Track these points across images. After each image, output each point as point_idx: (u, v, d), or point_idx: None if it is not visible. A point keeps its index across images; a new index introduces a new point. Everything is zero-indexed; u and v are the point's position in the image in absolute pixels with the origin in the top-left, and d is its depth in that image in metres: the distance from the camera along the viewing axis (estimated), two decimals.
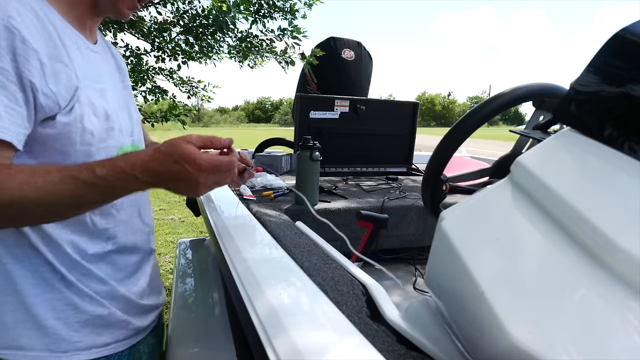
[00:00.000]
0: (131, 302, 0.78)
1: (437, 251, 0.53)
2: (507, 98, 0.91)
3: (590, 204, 0.39)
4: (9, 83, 0.55)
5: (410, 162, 2.24)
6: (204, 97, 3.83)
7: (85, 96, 0.66)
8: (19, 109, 0.56)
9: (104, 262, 0.74)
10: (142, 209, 0.83)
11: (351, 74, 2.81)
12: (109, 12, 0.73)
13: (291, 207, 1.28)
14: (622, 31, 0.48)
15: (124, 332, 0.76)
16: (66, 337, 0.68)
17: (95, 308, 0.71)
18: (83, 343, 0.70)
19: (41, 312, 0.67)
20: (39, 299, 0.67)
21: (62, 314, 0.68)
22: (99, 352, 0.72)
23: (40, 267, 0.67)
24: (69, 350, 0.69)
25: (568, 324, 0.34)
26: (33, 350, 0.67)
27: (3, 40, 0.54)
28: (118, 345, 0.75)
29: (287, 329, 0.37)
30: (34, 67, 0.57)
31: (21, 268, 0.66)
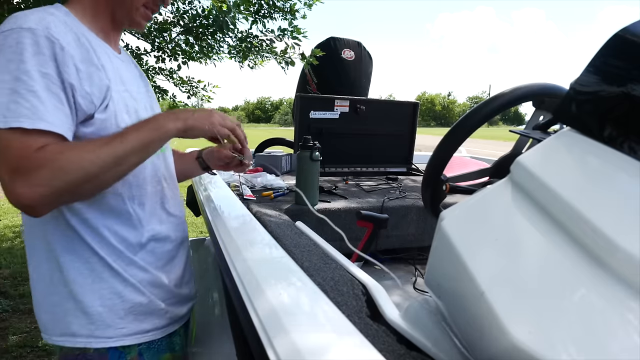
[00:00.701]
0: (169, 291, 0.84)
1: (437, 251, 0.53)
2: (507, 98, 0.91)
3: (590, 204, 0.39)
4: (54, 86, 0.63)
5: (410, 162, 2.24)
6: (203, 97, 3.83)
7: (117, 95, 0.74)
8: (64, 109, 0.65)
9: (144, 250, 0.79)
10: (165, 200, 0.86)
11: (351, 74, 2.80)
12: (125, 23, 0.81)
13: (291, 207, 1.28)
14: (622, 31, 0.48)
15: (162, 320, 0.82)
16: (111, 324, 0.74)
17: (138, 296, 0.77)
18: (127, 329, 0.76)
19: (88, 300, 0.73)
20: (87, 288, 0.73)
21: (108, 301, 0.74)
22: (140, 338, 0.77)
23: (90, 258, 0.73)
24: (113, 336, 0.75)
25: (568, 324, 0.34)
26: (82, 336, 0.73)
27: (46, 49, 0.63)
28: (157, 332, 0.80)
29: (287, 329, 0.37)
30: (72, 71, 0.66)
31: (73, 260, 0.72)
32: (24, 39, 0.62)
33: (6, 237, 4.02)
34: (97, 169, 0.64)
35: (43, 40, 0.63)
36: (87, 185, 0.65)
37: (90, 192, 0.70)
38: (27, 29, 0.63)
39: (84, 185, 0.64)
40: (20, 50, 0.62)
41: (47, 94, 0.62)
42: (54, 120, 0.63)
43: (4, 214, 4.88)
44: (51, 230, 0.73)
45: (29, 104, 0.61)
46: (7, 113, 0.60)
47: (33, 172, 0.60)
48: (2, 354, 2.07)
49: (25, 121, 0.60)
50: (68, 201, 0.70)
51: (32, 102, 0.61)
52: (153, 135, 0.69)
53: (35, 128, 0.60)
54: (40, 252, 0.74)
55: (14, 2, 2.45)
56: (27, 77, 0.61)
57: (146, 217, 0.80)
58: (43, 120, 0.61)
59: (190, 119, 0.72)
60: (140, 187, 0.79)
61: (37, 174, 0.60)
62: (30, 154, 0.60)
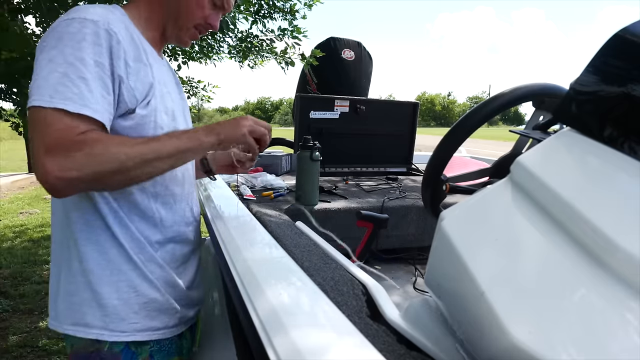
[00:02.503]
0: (182, 292, 0.85)
1: (437, 251, 0.53)
2: (507, 98, 0.91)
3: (590, 204, 0.39)
4: (104, 76, 0.66)
5: (410, 162, 2.24)
6: (203, 97, 3.83)
7: (159, 94, 0.77)
8: (109, 99, 0.67)
9: (164, 249, 0.81)
10: (193, 203, 0.90)
11: (351, 74, 2.80)
12: (172, 39, 0.85)
13: (291, 207, 1.28)
14: (622, 31, 0.48)
15: (173, 319, 0.82)
16: (125, 318, 0.75)
17: (153, 292, 0.78)
18: (139, 325, 0.76)
19: (105, 292, 0.74)
20: (104, 280, 0.74)
21: (125, 294, 0.75)
22: (151, 335, 0.78)
23: (110, 249, 0.74)
24: (126, 330, 0.75)
25: (568, 324, 0.34)
26: (95, 327, 0.74)
27: (104, 41, 0.67)
28: (167, 331, 0.81)
29: (287, 329, 0.37)
30: (122, 65, 0.69)
31: (93, 250, 0.73)
32: (86, 29, 0.65)
33: (6, 237, 4.02)
34: (131, 164, 0.65)
35: (103, 32, 0.66)
36: (118, 177, 0.66)
37: (117, 184, 0.70)
38: (90, 20, 0.66)
39: (114, 176, 0.65)
40: (80, 38, 0.64)
41: (96, 82, 0.65)
42: (98, 108, 0.65)
43: (4, 214, 4.88)
44: (75, 219, 0.74)
45: (77, 90, 0.63)
46: (54, 94, 0.62)
47: (70, 154, 0.61)
48: (2, 354, 2.07)
49: (70, 104, 0.62)
50: (93, 189, 0.71)
51: (80, 88, 0.63)
52: (189, 145, 0.71)
53: (79, 112, 0.62)
54: (63, 239, 0.75)
55: (14, 2, 2.45)
56: (80, 64, 0.63)
57: (170, 217, 0.81)
58: (88, 107, 0.63)
59: (222, 132, 0.74)
60: (167, 188, 0.80)
61: (73, 157, 0.61)
62: (72, 136, 0.62)
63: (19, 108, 2.88)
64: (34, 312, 2.53)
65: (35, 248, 3.68)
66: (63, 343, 0.80)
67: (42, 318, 2.45)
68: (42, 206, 5.37)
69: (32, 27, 2.63)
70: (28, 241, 3.89)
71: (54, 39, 0.65)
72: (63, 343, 0.80)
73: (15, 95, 2.77)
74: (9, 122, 3.41)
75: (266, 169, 1.88)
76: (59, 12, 2.38)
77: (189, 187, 0.89)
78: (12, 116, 3.33)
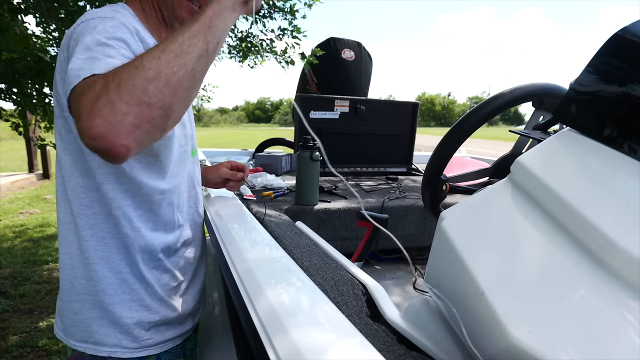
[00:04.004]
0: (192, 299, 0.86)
1: (437, 251, 0.53)
2: (506, 98, 0.91)
3: (590, 204, 0.39)
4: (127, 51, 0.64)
5: (410, 162, 2.24)
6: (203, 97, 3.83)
7: None
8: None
9: (176, 255, 0.81)
10: (198, 204, 0.91)
11: (351, 74, 2.81)
12: (173, 20, 0.81)
13: (291, 207, 1.28)
14: (622, 31, 0.48)
15: (183, 328, 0.84)
16: (138, 336, 0.75)
17: (165, 309, 0.78)
18: (152, 340, 0.77)
19: (118, 311, 0.73)
20: (117, 299, 0.73)
21: (137, 314, 0.75)
22: (162, 347, 0.79)
23: (123, 268, 0.73)
24: (140, 347, 0.76)
25: (568, 324, 0.34)
26: (107, 345, 0.74)
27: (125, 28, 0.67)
28: (176, 339, 0.83)
29: (287, 329, 0.37)
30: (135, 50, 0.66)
31: (105, 269, 0.72)
32: (106, 22, 0.66)
33: (6, 237, 4.02)
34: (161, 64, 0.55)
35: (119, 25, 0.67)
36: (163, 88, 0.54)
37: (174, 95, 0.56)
38: (107, 17, 0.67)
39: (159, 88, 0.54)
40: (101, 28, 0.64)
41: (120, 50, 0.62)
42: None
43: (4, 214, 4.88)
44: (87, 237, 0.72)
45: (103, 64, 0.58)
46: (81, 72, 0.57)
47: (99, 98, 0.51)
48: (2, 354, 2.07)
49: (96, 69, 0.56)
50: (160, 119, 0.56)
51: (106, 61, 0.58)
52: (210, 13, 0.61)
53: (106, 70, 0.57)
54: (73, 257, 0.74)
55: (14, 2, 2.45)
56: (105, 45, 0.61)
57: (182, 221, 0.82)
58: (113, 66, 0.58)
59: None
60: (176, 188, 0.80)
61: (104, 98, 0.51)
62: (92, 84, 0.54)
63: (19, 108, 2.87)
64: (34, 312, 2.53)
65: (35, 248, 3.67)
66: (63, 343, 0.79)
67: (42, 318, 2.45)
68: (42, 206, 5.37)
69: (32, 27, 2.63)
70: (28, 241, 3.89)
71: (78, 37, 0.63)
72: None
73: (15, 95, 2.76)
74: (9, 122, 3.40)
75: (266, 169, 1.88)
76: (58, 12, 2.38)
77: (198, 187, 0.90)
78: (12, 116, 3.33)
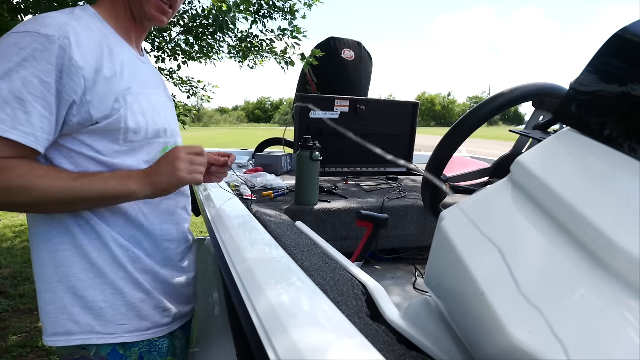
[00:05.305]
0: (175, 289, 0.84)
1: (437, 251, 0.53)
2: (507, 98, 0.91)
3: (590, 204, 0.39)
4: (50, 96, 0.63)
5: (410, 162, 2.24)
6: (203, 97, 3.83)
7: (134, 99, 0.74)
8: (51, 118, 0.65)
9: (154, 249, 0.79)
10: (187, 201, 0.90)
11: (351, 74, 2.81)
12: (144, 19, 0.80)
13: (291, 207, 1.28)
14: (622, 31, 0.48)
15: (164, 318, 0.81)
16: (113, 320, 0.74)
17: (141, 294, 0.76)
18: (128, 326, 0.75)
19: (90, 295, 0.72)
20: (89, 283, 0.72)
21: (111, 297, 0.73)
22: (140, 336, 0.77)
23: (92, 252, 0.72)
24: (115, 332, 0.74)
25: (568, 324, 0.33)
26: (79, 333, 0.72)
27: (54, 58, 0.63)
28: (158, 330, 0.80)
29: (287, 329, 0.37)
30: (77, 83, 0.65)
31: (75, 255, 0.72)
32: (36, 44, 0.62)
33: (6, 237, 4.02)
34: (44, 201, 0.65)
35: (56, 49, 0.63)
36: (30, 208, 0.68)
37: (30, 211, 0.72)
38: (44, 36, 0.63)
39: (25, 207, 0.67)
40: (27, 55, 0.62)
41: (37, 103, 0.62)
42: (32, 132, 0.62)
43: (4, 214, 4.88)
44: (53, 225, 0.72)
45: (10, 111, 0.61)
46: None
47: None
48: (2, 354, 2.07)
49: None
50: (4, 210, 0.70)
51: (15, 110, 0.61)
52: (117, 193, 0.69)
53: (3, 136, 0.60)
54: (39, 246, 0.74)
55: (13, 2, 2.45)
56: (21, 82, 0.61)
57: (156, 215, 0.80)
58: (17, 130, 0.61)
59: (157, 183, 0.71)
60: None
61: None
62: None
63: None
64: (34, 312, 2.53)
65: None
66: None
67: None
68: None
69: None
70: (28, 241, 3.89)
71: (2, 52, 0.62)
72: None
73: None
74: None
75: (266, 169, 1.88)
76: None
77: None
78: None
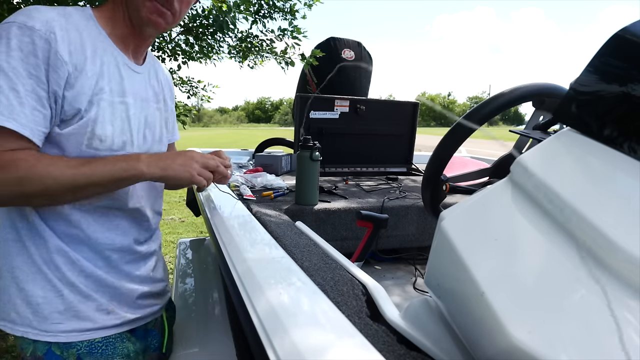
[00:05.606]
0: (122, 295, 0.81)
1: (437, 251, 0.53)
2: (506, 98, 0.91)
3: (590, 204, 0.39)
4: (39, 89, 0.64)
5: (410, 162, 2.24)
6: (203, 97, 3.83)
7: (107, 105, 0.73)
8: (44, 112, 0.65)
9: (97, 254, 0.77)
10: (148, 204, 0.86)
11: (351, 74, 2.81)
12: (140, 23, 0.78)
13: (291, 207, 1.28)
14: (622, 31, 0.48)
15: (111, 320, 0.78)
16: (48, 317, 0.72)
17: (79, 296, 0.74)
18: (64, 325, 0.73)
19: (30, 289, 0.72)
20: (30, 277, 0.72)
21: (49, 294, 0.72)
22: (78, 336, 0.74)
23: (31, 247, 0.72)
24: (50, 330, 0.72)
25: (568, 324, 0.34)
26: (21, 325, 0.73)
27: (40, 52, 0.64)
28: (101, 331, 0.77)
29: (287, 329, 0.37)
30: (61, 77, 0.66)
31: (19, 248, 0.73)
32: (23, 37, 0.63)
33: None
34: (57, 188, 0.64)
35: (41, 43, 0.64)
36: (41, 199, 0.67)
37: (41, 204, 0.71)
38: (29, 27, 0.63)
39: (39, 197, 0.66)
40: (14, 46, 0.62)
41: (29, 95, 0.63)
42: (27, 123, 0.63)
43: None
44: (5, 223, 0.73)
45: (6, 101, 0.61)
46: None
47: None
48: (2, 354, 2.07)
49: None
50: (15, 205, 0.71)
51: (10, 100, 0.62)
52: (124, 175, 0.69)
53: (3, 125, 0.61)
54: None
55: (13, 2, 2.45)
56: (13, 73, 0.62)
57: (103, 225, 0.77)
58: (15, 121, 0.62)
59: (169, 168, 0.72)
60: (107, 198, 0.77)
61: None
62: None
63: None
64: None
65: None
66: None
67: None
68: None
69: None
70: None
71: None
72: None
73: None
74: None
75: (266, 169, 1.88)
76: None
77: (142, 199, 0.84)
78: None
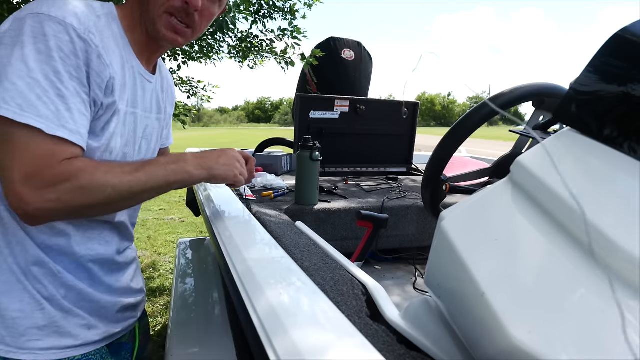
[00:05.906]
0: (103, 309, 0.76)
1: (437, 251, 0.53)
2: (507, 98, 0.91)
3: (590, 204, 0.39)
4: (82, 92, 0.61)
5: (410, 162, 2.24)
6: (203, 97, 3.83)
7: (123, 116, 0.71)
8: (87, 115, 0.62)
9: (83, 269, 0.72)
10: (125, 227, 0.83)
11: (351, 74, 2.81)
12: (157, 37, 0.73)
13: (291, 207, 1.28)
14: (622, 31, 0.48)
15: (93, 336, 0.74)
16: (25, 333, 0.65)
17: (60, 311, 0.69)
18: (43, 342, 0.67)
19: (4, 302, 0.65)
20: (5, 288, 0.65)
21: (28, 307, 0.66)
22: (56, 354, 0.68)
23: (8, 257, 0.65)
24: (25, 347, 0.65)
25: (568, 324, 0.34)
26: None
27: (81, 53, 0.60)
28: (75, 349, 0.71)
29: (287, 329, 0.37)
30: (104, 80, 0.63)
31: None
32: (62, 35, 0.58)
33: None
34: (117, 196, 0.61)
35: (81, 44, 0.59)
36: (97, 209, 0.62)
37: (95, 214, 0.67)
38: (69, 25, 0.58)
39: (98, 208, 0.62)
40: (55, 45, 0.57)
41: (75, 99, 0.59)
42: (76, 129, 0.59)
43: None
44: None
45: (54, 107, 0.57)
46: (26, 106, 0.54)
47: (53, 185, 0.55)
48: None
49: (45, 124, 0.55)
50: (71, 219, 0.67)
51: (57, 106, 0.57)
52: (177, 178, 0.67)
53: (55, 134, 0.56)
54: None
55: (14, 2, 2.45)
56: (56, 76, 0.57)
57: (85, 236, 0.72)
58: (65, 128, 0.57)
59: (215, 169, 0.72)
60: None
61: (56, 189, 0.56)
62: (55, 164, 0.56)
63: None
64: None
65: None
66: None
67: None
68: None
69: None
70: None
71: (25, 35, 0.56)
72: None
73: None
74: None
75: (266, 169, 1.88)
76: None
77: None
78: None
